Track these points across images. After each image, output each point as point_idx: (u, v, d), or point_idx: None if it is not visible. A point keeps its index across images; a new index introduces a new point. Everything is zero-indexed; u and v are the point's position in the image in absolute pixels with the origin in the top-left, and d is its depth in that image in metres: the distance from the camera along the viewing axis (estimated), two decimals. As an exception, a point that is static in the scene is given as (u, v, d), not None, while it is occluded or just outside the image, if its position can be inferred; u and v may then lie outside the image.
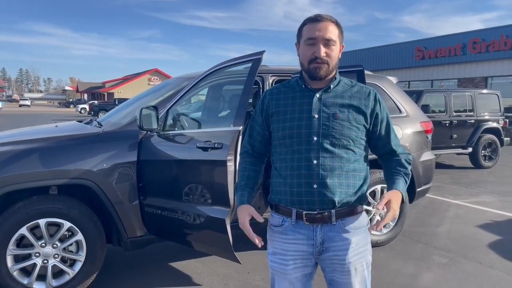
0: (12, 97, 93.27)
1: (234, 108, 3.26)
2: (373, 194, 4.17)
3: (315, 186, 1.60)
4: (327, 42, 1.62)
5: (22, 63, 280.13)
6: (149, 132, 3.28)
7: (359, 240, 1.66)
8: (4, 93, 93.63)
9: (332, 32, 1.63)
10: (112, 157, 3.16)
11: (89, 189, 3.10)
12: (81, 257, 3.10)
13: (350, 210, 1.65)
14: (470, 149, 9.56)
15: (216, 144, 2.97)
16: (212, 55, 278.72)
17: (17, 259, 2.95)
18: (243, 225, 1.75)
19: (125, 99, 23.57)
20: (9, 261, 2.90)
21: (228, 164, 2.89)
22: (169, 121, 3.36)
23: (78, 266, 3.10)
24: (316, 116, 1.64)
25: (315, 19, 1.64)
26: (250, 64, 3.12)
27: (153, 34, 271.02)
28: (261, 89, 4.06)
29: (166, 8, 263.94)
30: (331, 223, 1.62)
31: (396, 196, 1.63)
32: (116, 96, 49.91)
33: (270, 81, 4.10)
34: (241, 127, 2.96)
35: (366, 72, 3.79)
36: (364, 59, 25.79)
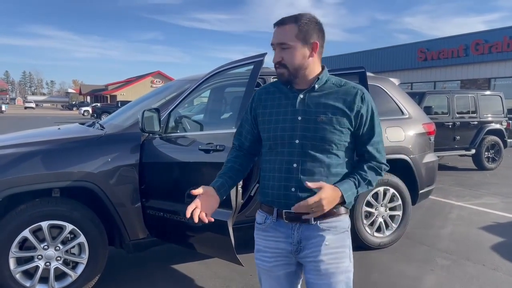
0: (16, 101, 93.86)
1: (236, 110, 3.27)
2: (375, 195, 4.16)
3: (293, 189, 1.60)
4: (282, 46, 1.61)
5: (25, 66, 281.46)
6: (151, 135, 3.28)
7: (334, 240, 1.63)
8: (7, 96, 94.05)
9: (285, 35, 1.60)
10: (114, 159, 3.17)
11: (92, 192, 3.11)
12: (84, 259, 3.10)
13: (329, 212, 1.60)
14: (473, 151, 9.54)
15: (218, 146, 2.97)
16: (214, 57, 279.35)
17: (20, 261, 2.96)
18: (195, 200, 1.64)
19: (127, 102, 23.61)
20: (12, 263, 2.90)
21: (230, 166, 2.88)
22: (171, 123, 3.37)
23: (80, 269, 3.10)
24: (299, 118, 1.62)
25: (274, 24, 1.65)
26: (252, 66, 3.12)
27: (154, 36, 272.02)
28: (263, 91, 4.05)
29: (167, 10, 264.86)
30: (309, 223, 1.62)
31: (332, 191, 1.55)
32: (119, 98, 50.01)
33: (272, 83, 4.10)
34: (243, 129, 2.96)
35: (368, 74, 3.78)
36: (366, 61, 25.76)
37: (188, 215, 1.59)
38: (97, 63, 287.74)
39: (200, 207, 1.62)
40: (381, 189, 4.16)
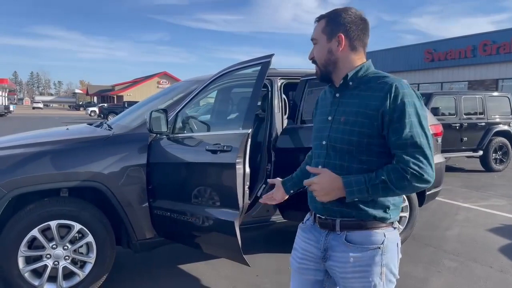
0: (24, 102, 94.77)
1: (242, 111, 3.27)
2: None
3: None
4: (313, 42, 1.62)
5: (33, 67, 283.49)
6: (158, 135, 3.30)
7: (361, 258, 1.50)
8: (15, 96, 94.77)
9: (315, 30, 1.60)
10: (122, 159, 3.19)
11: (99, 191, 3.13)
12: (91, 259, 3.12)
13: (358, 223, 1.51)
14: (480, 152, 9.48)
15: (225, 147, 2.98)
16: (220, 58, 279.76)
17: (29, 260, 2.98)
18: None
19: (134, 102, 23.74)
20: (21, 262, 2.93)
21: (237, 166, 2.90)
22: (179, 124, 3.39)
23: (88, 268, 3.12)
24: (329, 118, 1.58)
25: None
26: (259, 67, 3.13)
27: (161, 37, 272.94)
28: (269, 92, 4.07)
29: (173, 11, 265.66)
30: (336, 231, 1.55)
31: (331, 179, 1.48)
32: (125, 99, 50.20)
33: (279, 84, 4.12)
34: (250, 130, 2.97)
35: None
36: (373, 62, 25.66)
37: (262, 202, 1.92)
38: (104, 64, 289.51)
39: (273, 196, 1.89)
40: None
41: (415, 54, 23.53)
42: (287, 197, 1.89)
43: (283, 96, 4.17)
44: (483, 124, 9.55)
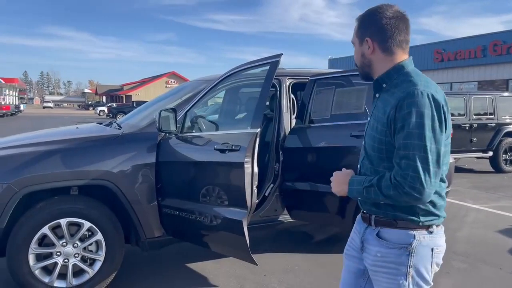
0: (34, 101, 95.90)
1: (251, 111, 3.28)
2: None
3: None
4: (353, 45, 1.65)
5: (43, 67, 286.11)
6: (167, 134, 3.32)
7: (387, 254, 1.53)
8: (26, 96, 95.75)
9: (353, 34, 1.63)
10: (131, 158, 3.21)
11: (109, 190, 3.16)
12: (101, 256, 3.15)
13: (389, 221, 1.54)
14: (490, 153, 9.39)
15: (233, 146, 2.99)
16: (228, 58, 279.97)
17: (39, 257, 3.02)
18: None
19: (143, 102, 23.85)
20: (31, 259, 2.96)
21: (245, 166, 2.91)
22: (187, 123, 3.40)
23: (97, 266, 3.15)
24: (368, 119, 1.65)
25: None
26: (267, 67, 3.14)
27: (169, 37, 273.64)
28: (278, 92, 4.07)
29: (182, 11, 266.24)
30: (372, 226, 1.61)
31: (344, 174, 1.63)
32: (134, 98, 50.48)
33: (287, 83, 4.12)
34: (259, 129, 2.98)
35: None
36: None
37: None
38: (112, 64, 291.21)
39: None
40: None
41: (424, 54, 23.36)
42: None
43: (292, 96, 4.17)
44: (493, 124, 9.46)
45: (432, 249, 1.53)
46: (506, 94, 10.44)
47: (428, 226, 1.53)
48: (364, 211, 1.65)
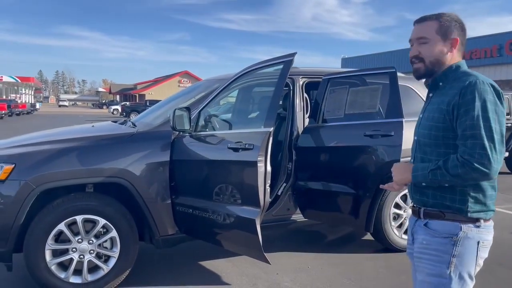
0: (49, 100, 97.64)
1: (264, 110, 3.29)
2: (404, 197, 4.10)
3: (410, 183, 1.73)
4: (420, 41, 1.68)
5: (58, 66, 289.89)
6: (181, 133, 3.35)
7: (431, 241, 1.65)
8: (41, 95, 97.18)
9: (425, 30, 1.67)
10: (145, 156, 3.25)
11: (124, 188, 3.19)
12: (115, 253, 3.19)
13: (437, 213, 1.65)
14: (506, 154, 9.24)
15: (247, 145, 3.00)
16: (240, 57, 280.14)
17: (55, 253, 3.07)
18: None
19: (156, 101, 24.02)
20: (48, 255, 3.02)
21: (258, 165, 2.92)
22: (201, 122, 3.42)
23: (112, 262, 3.19)
24: (421, 115, 1.75)
25: (415, 22, 1.74)
26: (281, 66, 3.14)
27: (182, 36, 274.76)
28: (291, 91, 4.07)
29: (194, 11, 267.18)
30: (421, 219, 1.71)
31: (405, 164, 1.73)
32: (147, 97, 50.91)
33: (301, 83, 4.12)
34: (272, 128, 2.99)
35: (398, 74, 3.74)
36: (395, 61, 25.34)
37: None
38: (126, 63, 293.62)
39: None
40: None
41: (439, 54, 23.07)
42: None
43: (305, 95, 4.16)
44: (509, 125, 9.30)
45: (478, 243, 1.61)
46: (522, 94, 10.26)
47: (476, 219, 1.60)
48: (414, 205, 1.75)
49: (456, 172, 1.53)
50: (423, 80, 1.78)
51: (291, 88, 4.07)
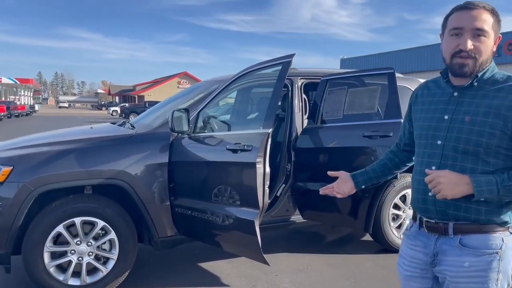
0: (48, 101, 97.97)
1: (263, 111, 3.29)
2: (403, 198, 4.10)
3: (430, 194, 1.49)
4: (477, 33, 1.42)
5: (57, 67, 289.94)
6: (180, 134, 3.34)
7: (477, 263, 1.45)
8: (40, 96, 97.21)
9: (484, 21, 1.42)
10: (144, 158, 3.24)
11: (122, 189, 3.19)
12: (114, 255, 3.18)
13: (474, 227, 1.46)
14: None
15: (245, 146, 3.00)
16: (240, 58, 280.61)
17: (54, 256, 3.06)
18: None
19: (155, 102, 24.02)
20: (46, 257, 3.01)
21: (257, 166, 2.91)
22: (200, 123, 3.42)
23: (111, 264, 3.18)
24: (446, 117, 1.50)
25: (465, 7, 1.45)
26: (279, 67, 3.14)
27: (181, 38, 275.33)
28: (290, 92, 4.07)
29: (194, 12, 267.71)
30: (448, 235, 1.49)
31: (457, 175, 1.41)
32: (146, 99, 50.86)
33: (299, 84, 4.12)
34: (271, 129, 2.98)
35: (397, 74, 3.75)
36: (394, 62, 25.38)
37: (321, 192, 1.85)
38: (126, 64, 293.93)
39: (335, 188, 1.83)
40: (409, 191, 4.10)
41: (438, 54, 22.87)
42: (354, 191, 1.83)
43: (304, 96, 4.17)
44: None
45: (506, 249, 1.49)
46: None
47: (510, 226, 1.49)
48: (432, 220, 1.53)
49: None
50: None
51: (290, 89, 4.07)
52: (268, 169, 3.01)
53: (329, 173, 1.88)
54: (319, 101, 4.09)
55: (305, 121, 4.11)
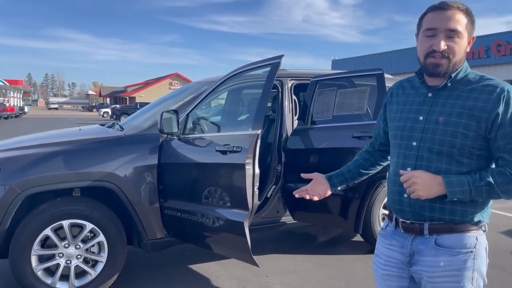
0: (38, 103, 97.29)
1: (253, 112, 3.28)
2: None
3: (405, 195, 1.51)
4: (450, 34, 1.42)
5: (47, 68, 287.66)
6: (169, 136, 3.33)
7: (453, 262, 1.47)
8: (30, 98, 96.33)
9: (458, 21, 1.42)
10: (133, 160, 3.22)
11: (111, 191, 3.16)
12: (103, 258, 3.15)
13: (449, 227, 1.47)
14: None
15: (235, 148, 2.99)
16: (231, 59, 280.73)
17: (41, 259, 3.03)
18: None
19: (146, 103, 23.86)
20: (34, 261, 2.97)
21: (246, 167, 2.91)
22: (189, 124, 3.41)
23: (100, 267, 3.15)
24: (421, 118, 1.51)
25: (439, 7, 1.45)
26: (269, 68, 3.14)
27: (173, 39, 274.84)
28: (280, 93, 4.07)
29: (185, 13, 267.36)
30: (424, 236, 1.51)
31: (431, 176, 1.42)
32: (137, 100, 50.62)
33: (289, 85, 4.12)
34: (260, 130, 2.98)
35: (386, 75, 3.77)
36: (384, 63, 25.52)
37: (296, 195, 1.84)
38: (117, 66, 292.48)
39: (309, 190, 1.81)
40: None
41: (427, 55, 23.24)
42: (330, 193, 1.83)
43: (293, 97, 4.17)
44: None
45: (486, 248, 1.53)
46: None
47: (483, 225, 1.52)
48: (408, 221, 1.54)
49: (507, 189, 1.41)
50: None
51: (280, 90, 4.07)
52: (257, 170, 3.00)
53: (303, 175, 1.87)
54: (309, 102, 4.09)
55: (295, 122, 4.12)
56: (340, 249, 4.39)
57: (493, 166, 1.49)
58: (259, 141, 2.97)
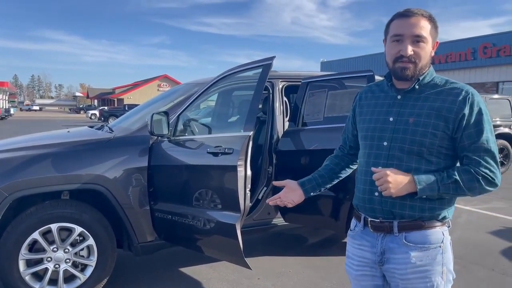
0: (24, 104, 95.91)
1: (244, 114, 3.27)
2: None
3: (376, 194, 1.56)
4: (416, 39, 1.50)
5: (34, 70, 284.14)
6: (159, 138, 3.30)
7: (423, 257, 1.52)
8: (16, 100, 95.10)
9: (422, 27, 1.49)
10: (123, 162, 3.18)
11: (100, 194, 3.12)
12: (92, 262, 3.11)
13: (417, 224, 1.53)
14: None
15: (226, 149, 2.98)
16: (220, 61, 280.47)
17: (29, 263, 2.97)
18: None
19: (135, 105, 23.76)
20: (22, 265, 2.92)
21: (238, 169, 2.89)
22: (180, 126, 3.38)
23: (89, 271, 3.11)
24: (391, 119, 1.57)
25: (404, 14, 1.53)
26: (260, 70, 3.13)
27: (161, 40, 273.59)
28: (271, 95, 4.07)
29: (174, 15, 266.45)
30: (393, 234, 1.55)
31: (402, 174, 1.47)
32: (126, 101, 50.25)
33: (280, 86, 4.12)
34: (251, 132, 2.97)
35: (376, 77, 3.78)
36: (374, 65, 25.71)
37: (270, 203, 1.83)
38: (105, 67, 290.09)
39: (282, 197, 1.81)
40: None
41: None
42: (303, 199, 1.84)
43: (284, 98, 4.17)
44: None
45: (450, 243, 1.59)
46: (496, 96, 10.57)
47: (447, 221, 1.59)
48: (377, 220, 1.58)
49: (472, 186, 1.48)
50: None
51: (271, 92, 4.07)
52: (249, 172, 2.99)
53: (274, 183, 1.90)
54: (300, 103, 4.09)
55: (286, 124, 4.11)
56: (331, 250, 4.40)
57: (458, 164, 1.56)
58: (251, 142, 2.96)
